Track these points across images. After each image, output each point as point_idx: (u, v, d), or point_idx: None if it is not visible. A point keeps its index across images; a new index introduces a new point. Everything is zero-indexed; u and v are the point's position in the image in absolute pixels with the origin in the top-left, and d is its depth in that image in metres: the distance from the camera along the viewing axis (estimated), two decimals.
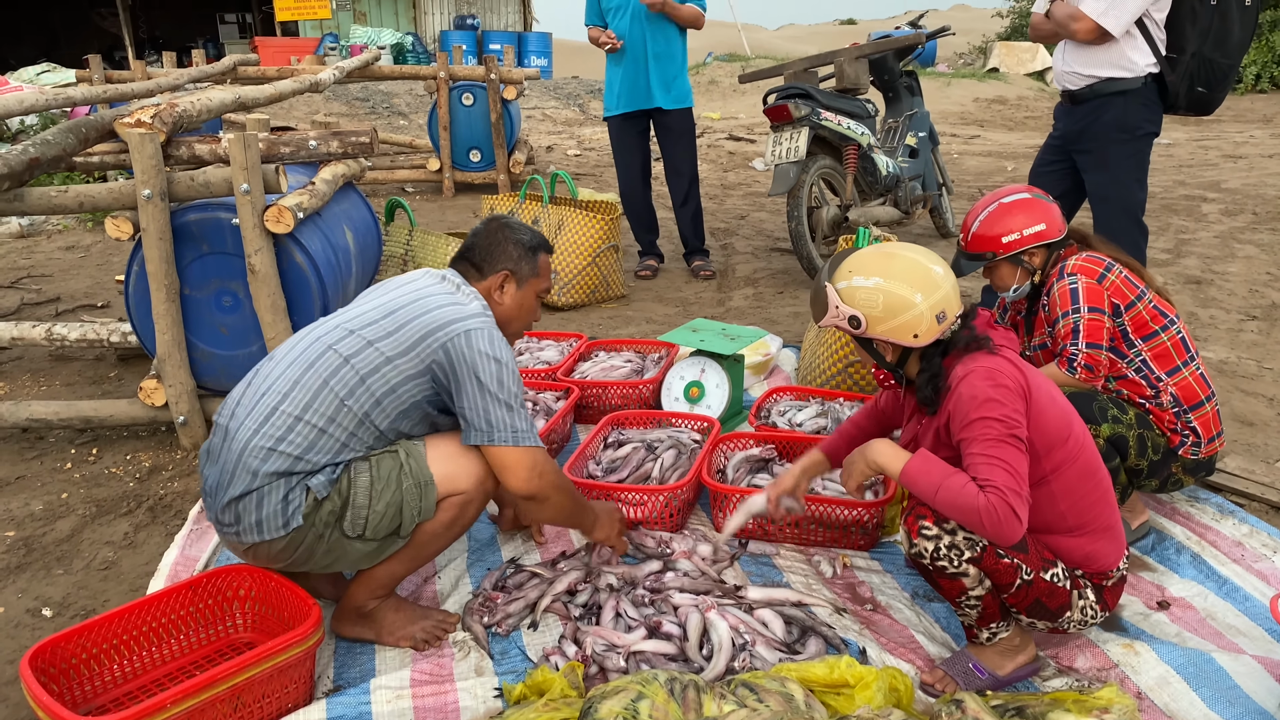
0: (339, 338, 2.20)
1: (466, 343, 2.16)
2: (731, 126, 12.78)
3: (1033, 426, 2.01)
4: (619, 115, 5.51)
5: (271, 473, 2.09)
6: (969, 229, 2.75)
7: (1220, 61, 3.66)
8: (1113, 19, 3.58)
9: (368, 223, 4.26)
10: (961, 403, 2.01)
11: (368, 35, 17.05)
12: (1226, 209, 7.27)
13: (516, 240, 2.42)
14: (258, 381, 2.21)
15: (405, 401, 2.19)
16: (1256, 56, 17.22)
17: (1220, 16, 3.61)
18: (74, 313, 5.13)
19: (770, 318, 4.94)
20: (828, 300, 2.17)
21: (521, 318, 2.46)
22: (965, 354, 2.08)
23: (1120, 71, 3.69)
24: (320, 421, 2.12)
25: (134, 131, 3.14)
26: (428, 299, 2.25)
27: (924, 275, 2.11)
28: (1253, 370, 4.05)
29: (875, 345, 2.19)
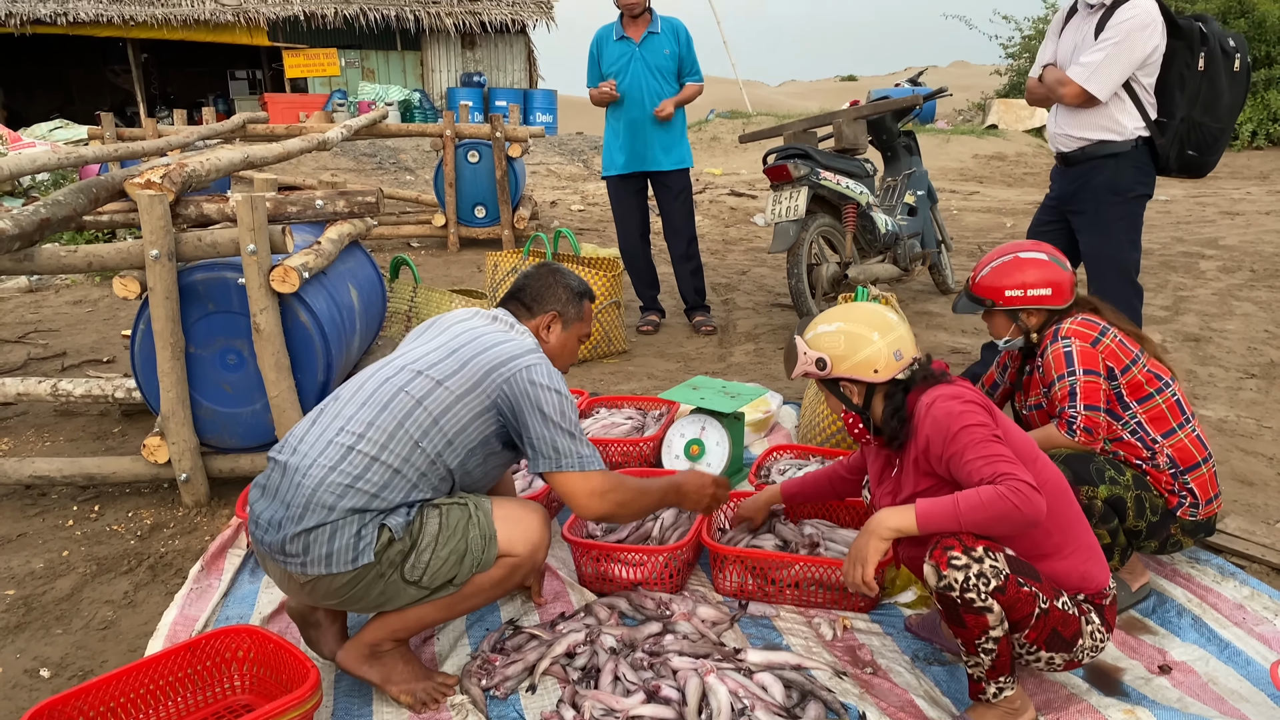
0: (407, 379, 2.29)
1: (528, 377, 2.28)
2: (733, 182, 12.93)
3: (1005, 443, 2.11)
4: (617, 175, 5.60)
5: (348, 509, 2.14)
6: (979, 272, 2.83)
7: (1210, 125, 3.73)
8: (1097, 84, 3.67)
9: (372, 280, 4.31)
10: (938, 424, 2.16)
11: (375, 92, 17.35)
12: (1224, 266, 7.32)
13: (566, 285, 2.59)
14: (325, 421, 2.28)
15: (475, 438, 2.29)
16: (1252, 114, 17.43)
17: (1209, 82, 3.69)
18: (80, 368, 5.17)
19: (771, 373, 4.96)
20: (797, 350, 2.38)
21: (563, 358, 2.61)
22: (925, 388, 2.26)
23: (1110, 135, 3.76)
24: (395, 462, 2.19)
25: (143, 193, 3.20)
26: (485, 337, 2.37)
27: (880, 318, 2.36)
28: (1252, 429, 4.06)
29: (842, 388, 2.37)
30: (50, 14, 16.52)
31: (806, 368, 2.37)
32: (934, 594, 2.06)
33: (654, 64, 5.41)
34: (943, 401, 2.18)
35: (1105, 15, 3.67)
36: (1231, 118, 3.77)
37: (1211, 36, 3.68)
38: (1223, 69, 3.68)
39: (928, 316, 5.96)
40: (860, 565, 2.16)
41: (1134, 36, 3.59)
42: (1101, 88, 3.67)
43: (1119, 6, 3.63)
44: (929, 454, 2.16)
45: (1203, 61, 3.65)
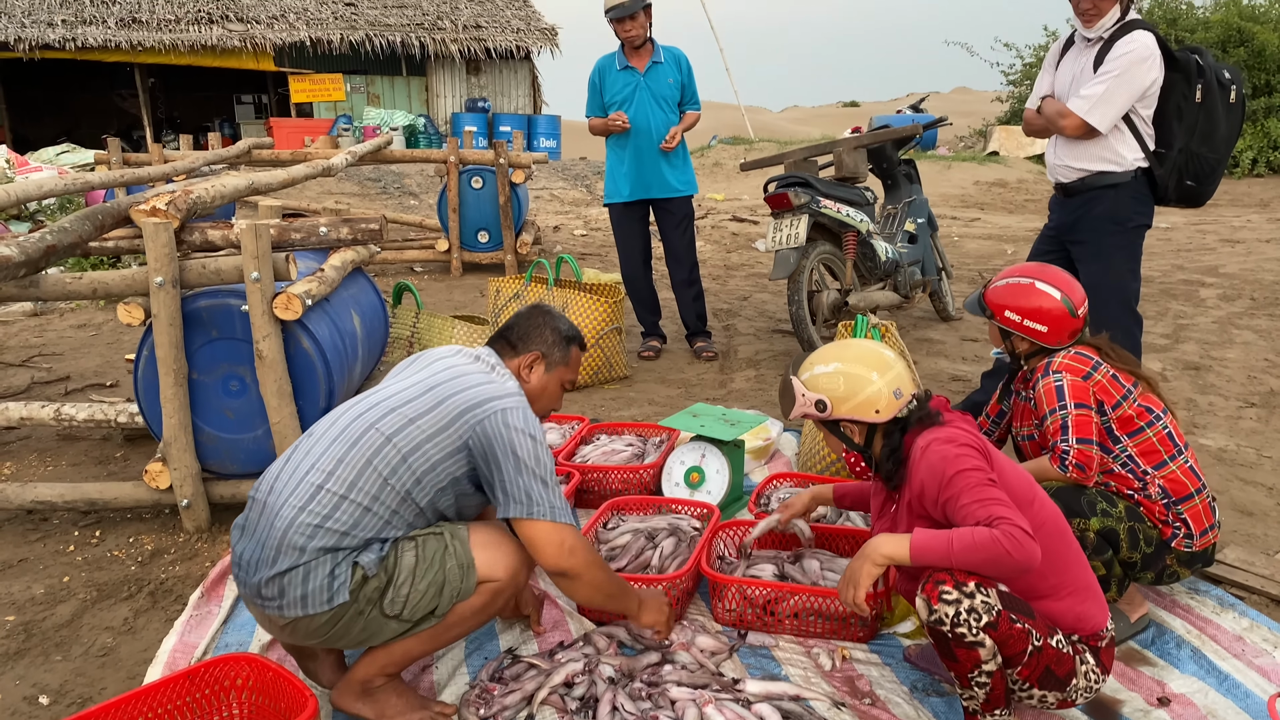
0: (380, 415, 2.27)
1: (503, 420, 2.24)
2: (735, 208, 12.98)
3: (1000, 486, 2.11)
4: (621, 203, 5.64)
5: (319, 548, 2.13)
6: (997, 280, 2.87)
7: (1207, 156, 3.76)
8: (1098, 116, 3.69)
9: (375, 307, 4.33)
10: (933, 469, 2.16)
11: (381, 117, 17.46)
12: (1224, 294, 7.34)
13: (554, 327, 2.57)
14: (298, 458, 2.27)
15: (444, 478, 2.26)
16: (1252, 142, 17.50)
17: (1206, 113, 3.71)
18: (83, 392, 5.19)
19: (772, 400, 4.97)
20: (795, 391, 2.37)
21: (543, 401, 2.56)
22: (922, 428, 2.26)
23: (1109, 165, 3.78)
24: (364, 500, 2.18)
25: (149, 221, 3.23)
26: (464, 377, 2.34)
27: (877, 357, 2.35)
28: (1251, 459, 4.06)
29: (842, 428, 2.38)
30: (59, 39, 16.68)
31: (805, 409, 2.37)
32: (926, 627, 2.08)
33: (659, 93, 5.46)
34: (938, 445, 2.18)
35: (1104, 48, 3.70)
36: (1228, 148, 3.80)
37: (1208, 69, 3.70)
38: (1219, 100, 3.71)
39: (928, 344, 5.98)
40: (853, 587, 2.18)
41: (1134, 69, 3.62)
42: (1102, 120, 3.70)
43: (1118, 39, 3.66)
44: (924, 498, 2.17)
45: (1199, 93, 3.68)
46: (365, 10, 19.22)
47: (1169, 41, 3.74)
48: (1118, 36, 3.68)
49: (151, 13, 17.82)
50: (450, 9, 19.82)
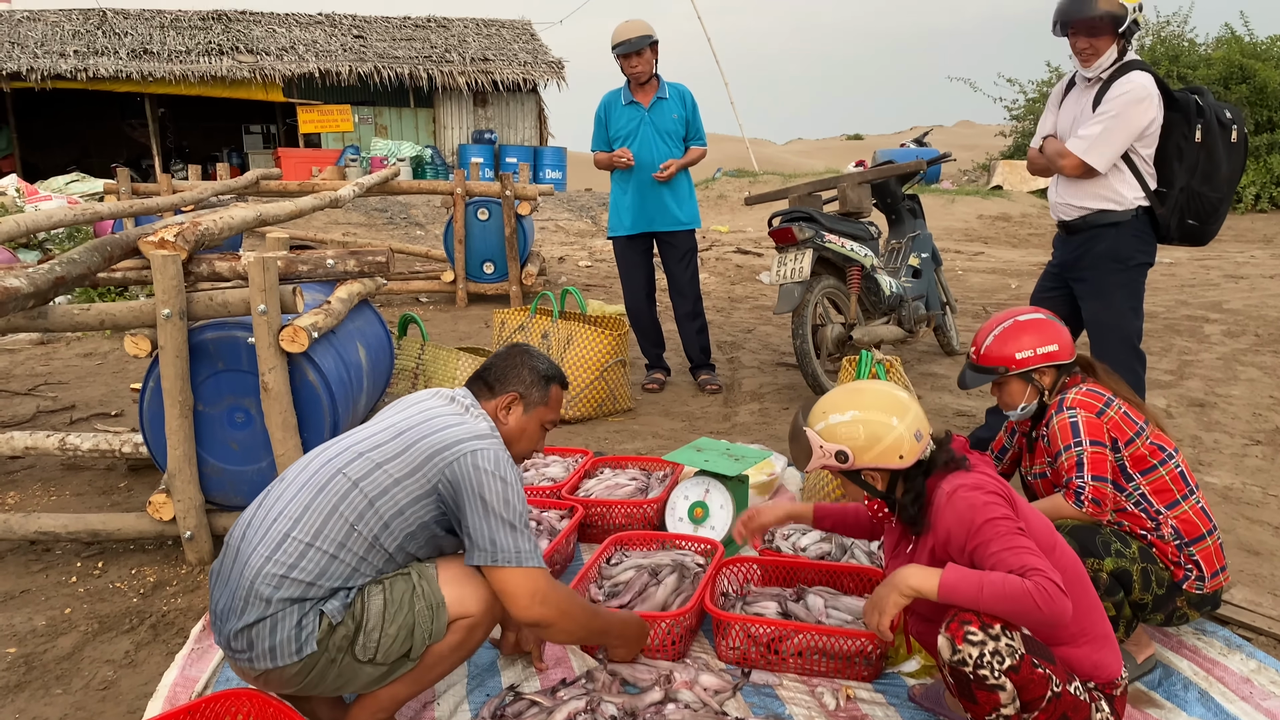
0: (348, 460, 2.24)
1: (472, 462, 2.20)
2: (739, 240, 13.04)
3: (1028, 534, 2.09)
4: (625, 236, 5.67)
5: (285, 599, 2.10)
6: (981, 344, 2.84)
7: (1209, 195, 3.77)
8: (1096, 156, 3.72)
9: (381, 339, 4.35)
10: (960, 517, 2.12)
11: (388, 148, 17.59)
12: (1229, 330, 7.34)
13: (532, 367, 2.52)
14: (268, 503, 2.24)
15: (413, 523, 2.22)
16: (1255, 177, 17.56)
17: (1206, 153, 3.73)
18: (88, 421, 5.20)
19: (776, 434, 4.97)
20: (810, 444, 2.29)
21: (522, 442, 2.51)
22: (946, 473, 2.21)
23: (1110, 204, 3.81)
24: (331, 548, 2.14)
25: (157, 253, 3.25)
26: (436, 419, 2.30)
27: (893, 400, 2.29)
28: (1258, 497, 4.05)
29: (864, 477, 2.30)
30: (71, 70, 16.87)
31: (825, 461, 2.29)
32: (946, 667, 2.06)
33: (663, 128, 5.51)
34: (965, 492, 2.14)
35: (1102, 89, 3.73)
36: (1230, 187, 3.81)
37: (1208, 109, 3.72)
38: (1220, 140, 3.72)
39: (933, 378, 5.98)
40: (879, 613, 2.17)
41: (1130, 110, 3.65)
42: (1100, 160, 3.73)
43: (1115, 80, 3.69)
44: (949, 544, 2.14)
45: (1199, 133, 3.70)
46: (374, 43, 19.45)
47: (1170, 79, 3.78)
48: (1116, 77, 3.71)
49: (162, 44, 18.05)
50: (458, 42, 20.05)
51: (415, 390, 5.01)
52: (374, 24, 20.43)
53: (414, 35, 20.14)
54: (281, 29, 19.50)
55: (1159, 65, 18.56)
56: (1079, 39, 3.71)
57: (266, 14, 20.16)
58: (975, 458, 2.28)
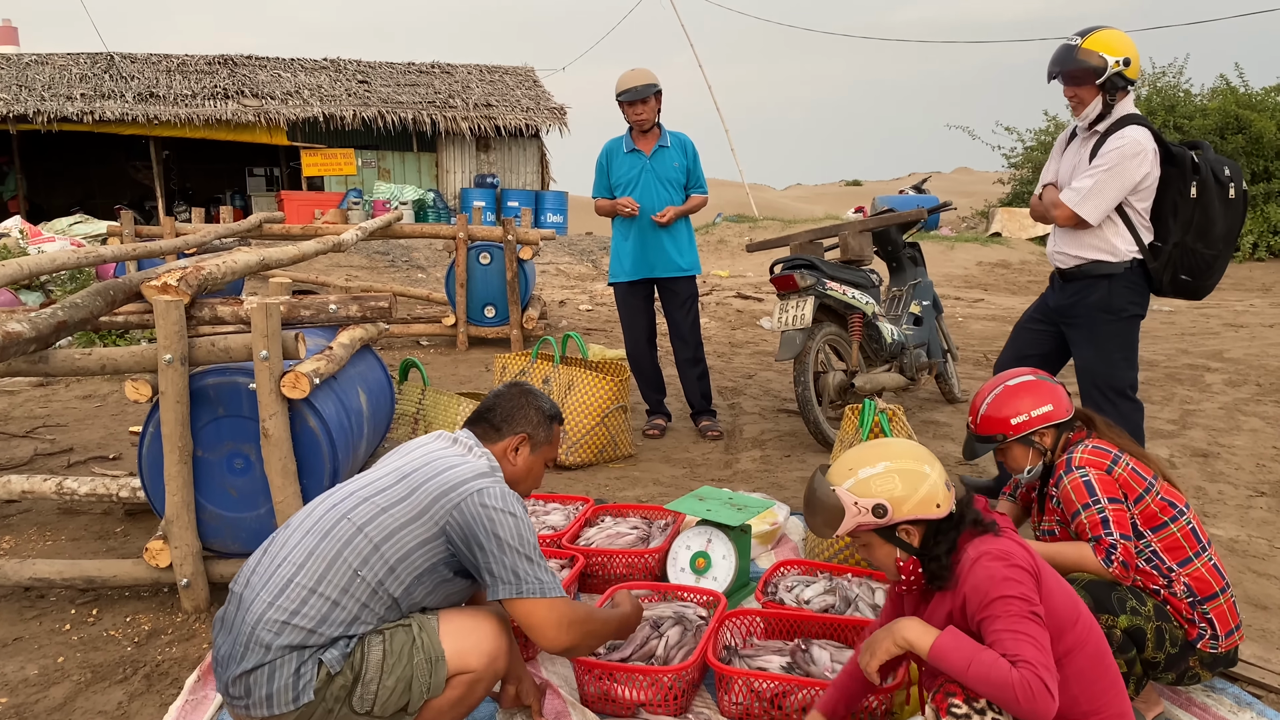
0: (353, 505, 2.24)
1: (480, 500, 2.21)
2: (740, 284, 13.08)
3: (1044, 607, 2.03)
4: (625, 282, 5.68)
5: (284, 646, 2.09)
6: (977, 412, 2.82)
7: (1203, 252, 3.79)
8: (1088, 208, 3.77)
9: (382, 384, 4.33)
10: (978, 586, 2.04)
11: (391, 191, 17.71)
12: (1230, 379, 7.33)
13: (537, 406, 2.54)
14: (274, 550, 2.24)
15: (420, 566, 2.22)
16: (1253, 226, 17.64)
17: (1201, 209, 3.75)
18: (86, 464, 5.17)
19: (777, 482, 4.94)
20: (842, 502, 2.16)
21: (528, 481, 2.54)
22: (975, 535, 2.13)
23: (1105, 255, 3.85)
24: (334, 594, 2.13)
25: (160, 298, 3.25)
26: (439, 460, 2.31)
27: (919, 449, 2.24)
28: (1264, 550, 4.01)
29: (898, 533, 2.18)
30: (77, 112, 17.03)
31: (860, 519, 2.15)
32: None
33: (664, 176, 5.55)
34: (989, 560, 2.07)
35: (1099, 141, 3.79)
36: (1227, 244, 3.82)
37: (1204, 165, 3.75)
38: (1216, 197, 3.74)
39: (935, 426, 5.96)
40: (870, 654, 2.14)
41: (1124, 164, 3.70)
42: (1091, 212, 3.77)
43: (1112, 134, 3.75)
44: (965, 610, 2.08)
45: (1195, 189, 3.73)
46: (378, 88, 19.66)
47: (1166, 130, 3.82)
48: (1113, 130, 3.76)
49: (168, 88, 18.23)
50: (462, 88, 20.26)
51: (416, 435, 5.00)
52: (378, 69, 20.66)
53: (418, 81, 20.36)
54: (287, 74, 19.71)
55: (1154, 115, 18.75)
56: (1066, 88, 3.80)
57: (272, 59, 20.39)
58: (1002, 521, 2.20)
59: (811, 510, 2.24)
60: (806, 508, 2.27)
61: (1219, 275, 3.87)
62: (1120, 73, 3.68)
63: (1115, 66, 3.67)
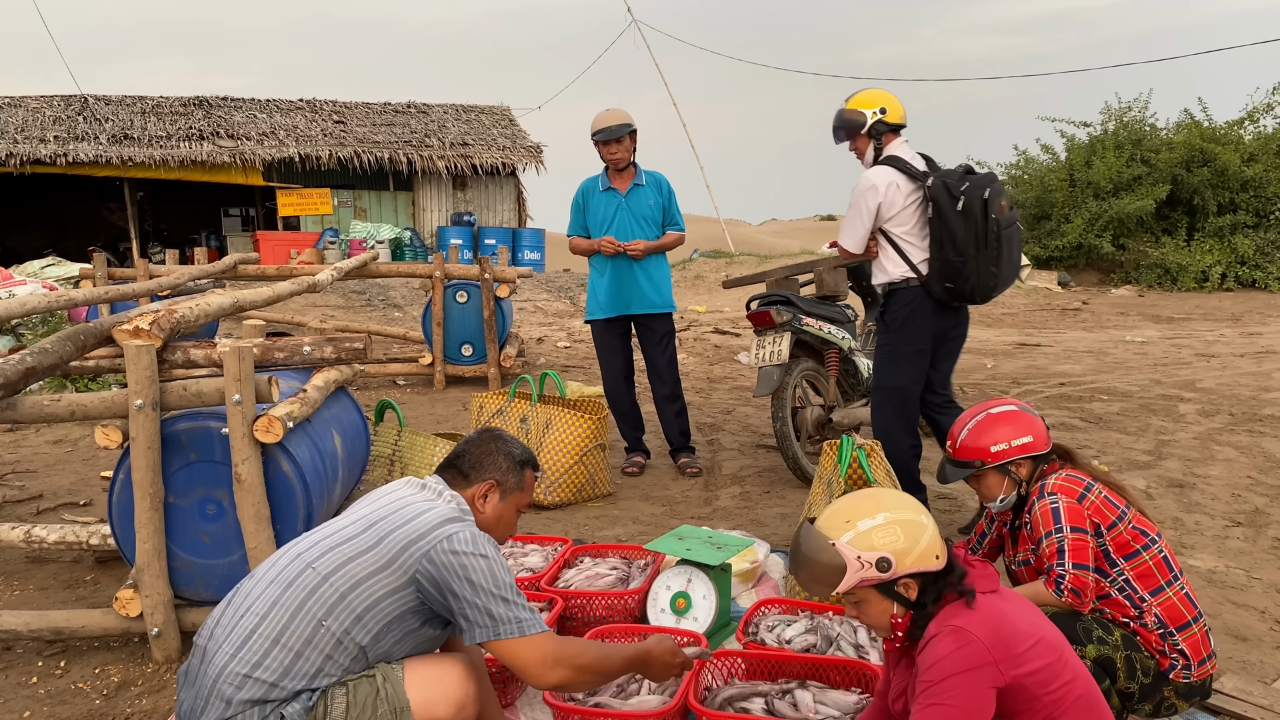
0: (318, 555, 2.20)
1: (449, 547, 2.17)
2: (717, 320, 13.11)
3: (1020, 673, 2.00)
4: (602, 319, 5.68)
5: (245, 700, 2.04)
6: (956, 438, 2.83)
7: (954, 259, 4.27)
8: (845, 238, 4.50)
9: (357, 426, 4.30)
10: (925, 660, 2.04)
11: (367, 230, 17.69)
12: (1203, 409, 7.40)
13: (507, 453, 2.50)
14: (237, 600, 2.20)
15: (389, 614, 2.17)
16: (1220, 257, 17.93)
17: (942, 223, 4.27)
18: (55, 511, 5.08)
19: (757, 519, 4.93)
20: (843, 558, 2.08)
21: (499, 529, 2.49)
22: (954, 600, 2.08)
23: (883, 278, 4.47)
24: (297, 645, 2.09)
25: (131, 342, 3.21)
26: (407, 508, 2.27)
27: (909, 498, 2.19)
28: (1242, 580, 4.03)
29: (898, 588, 2.11)
30: (50, 155, 16.95)
31: (863, 574, 2.06)
32: None
33: (639, 214, 5.57)
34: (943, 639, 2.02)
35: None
36: (978, 250, 4.22)
37: (936, 185, 4.27)
38: (949, 209, 4.23)
39: None
40: None
41: (858, 200, 4.37)
42: (849, 242, 4.48)
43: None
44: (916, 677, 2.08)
45: (931, 209, 4.27)
46: (354, 128, 19.70)
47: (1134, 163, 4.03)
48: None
49: (143, 129, 18.20)
50: (438, 127, 20.35)
51: (392, 476, 4.95)
52: (354, 110, 20.72)
53: (394, 120, 20.43)
54: (262, 114, 19.73)
55: (1122, 149, 19.07)
56: (849, 144, 4.49)
57: (248, 100, 20.42)
58: (979, 573, 2.15)
59: (804, 567, 2.15)
60: (796, 564, 2.18)
61: (987, 280, 4.25)
62: (881, 120, 4.35)
63: (875, 116, 4.34)
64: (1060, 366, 9.72)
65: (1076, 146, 20.08)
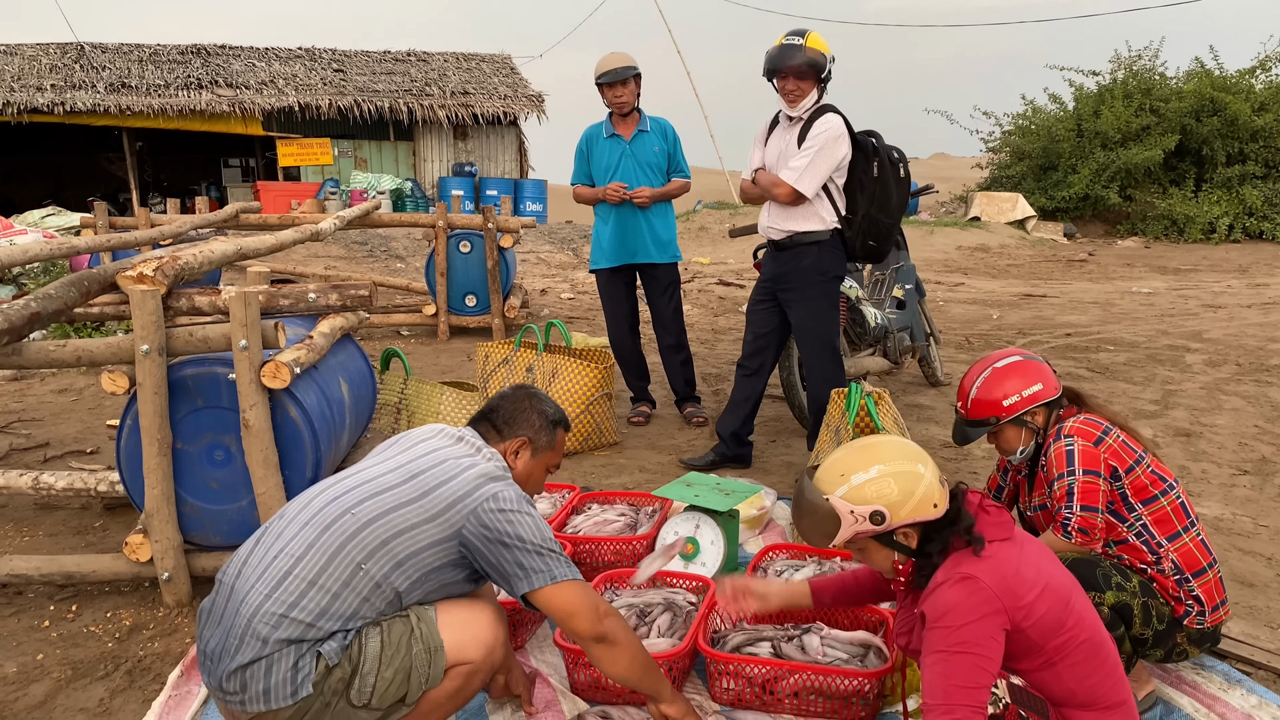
0: (357, 500, 2.19)
1: (496, 505, 2.19)
2: (721, 271, 13.06)
3: (1026, 623, 2.00)
4: (606, 269, 5.64)
5: (282, 640, 2.05)
6: (966, 396, 2.80)
7: (884, 221, 4.44)
8: (805, 183, 4.29)
9: (363, 374, 4.28)
10: (934, 607, 2.03)
11: (368, 181, 17.56)
12: (1210, 359, 7.38)
13: (540, 411, 2.50)
14: (268, 540, 2.19)
15: (428, 565, 2.18)
16: (1228, 208, 17.81)
17: (881, 186, 4.40)
18: (63, 459, 5.09)
19: (763, 468, 4.93)
20: (837, 511, 2.10)
21: (528, 486, 2.49)
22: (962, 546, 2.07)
23: (813, 225, 4.40)
24: (335, 586, 2.10)
25: (135, 288, 3.18)
26: (449, 463, 2.27)
27: (909, 447, 2.17)
28: (1248, 527, 4.03)
29: (896, 537, 2.12)
30: (48, 103, 16.78)
31: (857, 528, 2.09)
32: None
33: (644, 161, 5.50)
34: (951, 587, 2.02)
35: (805, 127, 4.30)
36: (899, 214, 4.54)
37: (880, 149, 4.39)
38: (891, 175, 4.41)
39: (919, 409, 5.96)
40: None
41: (830, 145, 4.25)
42: (808, 186, 4.30)
43: (815, 120, 4.28)
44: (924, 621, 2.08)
45: (876, 169, 4.36)
46: (354, 77, 19.47)
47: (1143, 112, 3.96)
48: (815, 118, 4.29)
49: (141, 78, 17.99)
50: (438, 76, 20.10)
51: (399, 425, 4.95)
52: (354, 58, 20.47)
53: (394, 69, 20.19)
54: (261, 63, 19.49)
55: (1131, 99, 18.85)
56: (788, 83, 4.27)
57: (246, 48, 20.15)
58: (991, 520, 2.13)
59: (804, 519, 2.18)
60: (797, 516, 2.21)
61: (894, 241, 4.60)
62: (830, 69, 4.27)
63: (830, 63, 4.25)
64: (1066, 317, 9.69)
65: (1085, 96, 19.85)
